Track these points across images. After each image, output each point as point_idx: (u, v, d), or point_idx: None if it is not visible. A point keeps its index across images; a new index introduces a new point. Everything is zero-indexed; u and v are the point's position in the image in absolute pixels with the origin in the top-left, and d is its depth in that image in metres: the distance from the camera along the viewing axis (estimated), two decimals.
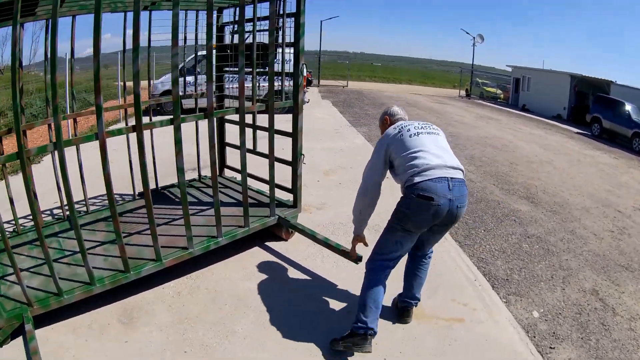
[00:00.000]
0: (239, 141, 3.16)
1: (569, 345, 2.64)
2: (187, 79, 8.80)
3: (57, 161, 2.50)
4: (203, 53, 4.77)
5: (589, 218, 4.97)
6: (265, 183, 3.59)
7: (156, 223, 3.32)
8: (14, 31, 1.91)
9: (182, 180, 2.83)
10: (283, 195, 3.92)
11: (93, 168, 2.43)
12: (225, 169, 4.69)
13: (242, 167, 3.22)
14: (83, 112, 3.28)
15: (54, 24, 1.99)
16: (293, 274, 3.21)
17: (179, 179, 2.83)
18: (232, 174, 4.62)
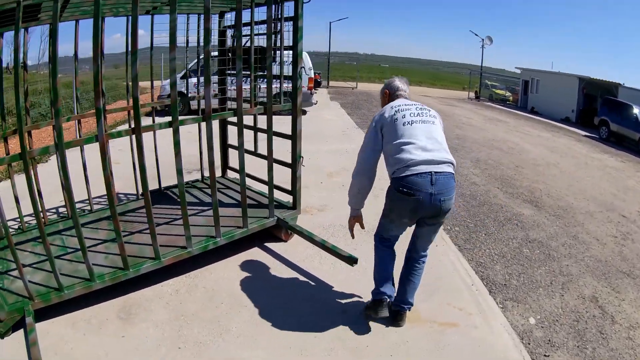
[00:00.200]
0: (237, 143, 3.21)
1: (564, 353, 2.59)
2: (194, 80, 8.87)
3: (72, 160, 2.57)
4: (214, 54, 4.83)
5: (592, 223, 4.92)
6: (266, 184, 3.63)
7: (157, 223, 3.39)
8: (16, 37, 1.98)
9: (181, 181, 2.89)
10: (284, 197, 3.95)
11: (98, 168, 2.50)
12: (228, 170, 4.74)
13: (241, 168, 3.26)
14: (87, 114, 3.34)
15: (54, 31, 2.05)
16: (290, 274, 3.24)
17: (178, 180, 2.88)
18: (235, 175, 4.67)
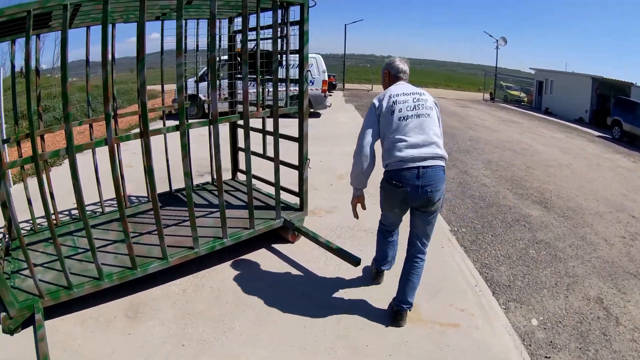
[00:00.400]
0: (244, 145, 3.27)
1: (565, 355, 2.58)
2: (204, 85, 8.91)
3: (85, 163, 2.66)
4: (224, 57, 4.91)
5: (601, 223, 4.86)
6: (274, 186, 3.69)
7: (166, 224, 3.48)
8: (27, 45, 2.06)
9: (189, 183, 2.96)
10: (292, 199, 4.01)
11: (110, 171, 2.60)
12: (238, 173, 4.81)
13: (247, 170, 3.32)
14: (98, 118, 3.45)
15: (64, 39, 2.14)
16: (296, 275, 3.30)
17: (186, 182, 2.96)
18: (245, 178, 4.74)
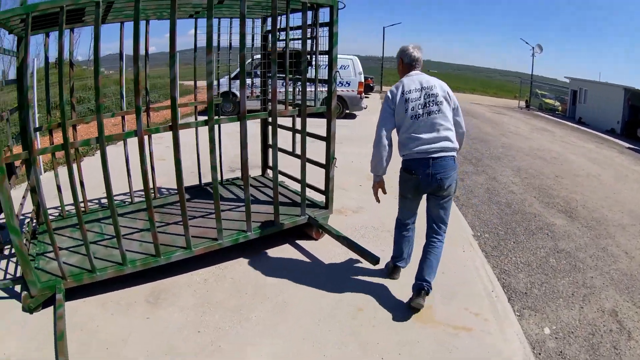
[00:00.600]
0: (272, 142, 3.37)
1: None
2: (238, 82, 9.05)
3: (118, 155, 2.81)
4: (257, 57, 5.03)
5: (624, 235, 4.74)
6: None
7: (193, 216, 3.62)
8: (60, 39, 2.20)
9: (215, 176, 3.07)
10: (318, 197, 4.08)
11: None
12: (268, 170, 4.87)
13: (274, 166, 3.41)
14: (130, 111, 3.61)
15: (97, 35, 2.27)
16: (316, 271, 3.37)
17: (212, 176, 3.07)
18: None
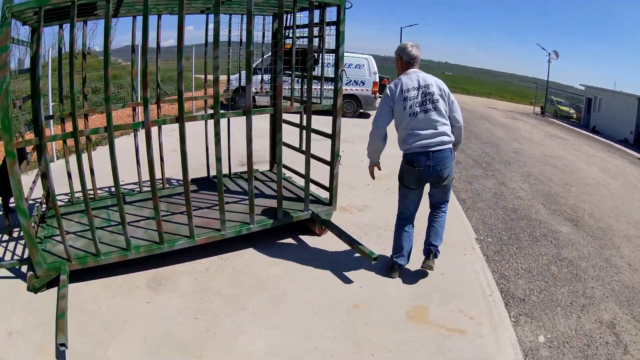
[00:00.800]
0: (276, 137, 3.43)
1: None
2: (258, 77, 9.13)
3: (129, 145, 2.90)
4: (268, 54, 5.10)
5: (628, 247, 4.68)
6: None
7: (199, 207, 3.70)
8: (71, 32, 2.29)
9: (219, 168, 3.14)
10: (324, 194, 4.13)
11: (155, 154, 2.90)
12: (275, 164, 4.94)
13: (278, 161, 3.47)
14: (140, 103, 3.70)
15: (107, 28, 2.35)
16: (317, 266, 3.41)
17: (217, 167, 3.14)
18: (283, 170, 4.88)
